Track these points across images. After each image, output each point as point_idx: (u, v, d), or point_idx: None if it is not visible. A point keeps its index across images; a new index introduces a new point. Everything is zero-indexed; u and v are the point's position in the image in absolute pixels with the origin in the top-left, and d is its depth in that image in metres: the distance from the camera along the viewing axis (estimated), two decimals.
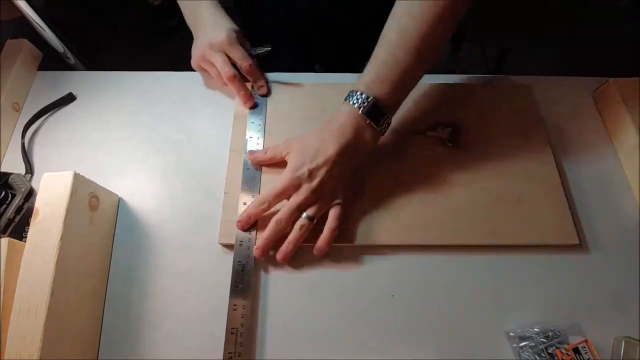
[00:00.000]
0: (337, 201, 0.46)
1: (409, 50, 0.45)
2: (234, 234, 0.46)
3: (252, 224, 0.46)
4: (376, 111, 0.45)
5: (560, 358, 0.40)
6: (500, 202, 0.48)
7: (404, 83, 0.47)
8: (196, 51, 0.56)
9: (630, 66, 0.57)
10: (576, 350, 0.40)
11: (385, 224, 0.47)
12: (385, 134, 0.49)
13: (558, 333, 0.41)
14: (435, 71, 0.59)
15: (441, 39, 0.47)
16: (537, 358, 0.40)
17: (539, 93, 0.58)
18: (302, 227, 0.45)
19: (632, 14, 1.68)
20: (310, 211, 0.45)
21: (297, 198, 0.45)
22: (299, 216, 0.45)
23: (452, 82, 0.59)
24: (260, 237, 0.45)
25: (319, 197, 0.45)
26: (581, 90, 0.58)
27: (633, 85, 0.53)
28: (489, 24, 1.15)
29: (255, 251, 0.45)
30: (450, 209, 0.48)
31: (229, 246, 0.47)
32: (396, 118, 0.54)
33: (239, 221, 0.46)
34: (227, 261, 0.46)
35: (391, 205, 0.48)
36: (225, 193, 0.49)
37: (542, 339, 0.41)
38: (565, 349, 0.40)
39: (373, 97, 0.45)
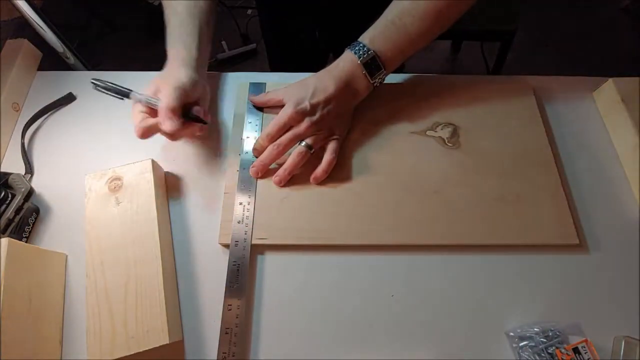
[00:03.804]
0: (335, 136, 0.50)
1: (418, 20, 0.48)
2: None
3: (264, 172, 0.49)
4: (373, 65, 0.48)
5: (560, 358, 0.40)
6: (500, 202, 0.48)
7: (405, 47, 0.50)
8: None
9: (630, 66, 0.58)
10: (576, 350, 0.40)
11: (384, 223, 0.47)
12: (386, 134, 0.49)
13: (558, 333, 0.41)
14: (436, 71, 0.58)
15: (454, 15, 0.50)
16: (537, 358, 0.40)
17: (538, 93, 0.58)
18: (299, 154, 0.48)
19: (632, 14, 1.68)
20: (309, 140, 0.48)
21: (297, 129, 0.48)
22: (297, 145, 0.49)
23: (452, 82, 0.59)
24: (258, 159, 0.49)
25: (319, 130, 0.48)
26: (581, 90, 0.58)
27: (633, 85, 0.53)
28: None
29: (251, 170, 0.49)
30: (449, 209, 0.48)
31: (228, 246, 0.47)
32: (396, 118, 0.54)
33: (253, 166, 0.49)
34: (226, 261, 0.46)
35: (391, 205, 0.48)
36: (225, 193, 0.49)
37: (542, 339, 0.41)
38: (565, 348, 0.40)
39: (374, 51, 0.48)
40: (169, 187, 0.51)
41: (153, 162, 0.49)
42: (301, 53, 0.72)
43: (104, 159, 0.53)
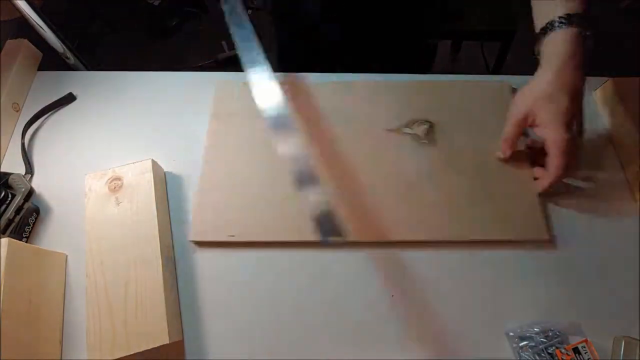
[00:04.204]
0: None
1: None
2: (206, 232, 0.47)
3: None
4: (584, 21, 0.45)
5: (560, 358, 0.40)
6: (473, 198, 0.48)
7: None
8: None
9: (630, 66, 0.57)
10: (576, 350, 0.40)
11: (357, 220, 0.47)
12: (362, 131, 0.50)
13: (558, 333, 0.41)
14: (436, 71, 0.58)
15: None
16: (537, 358, 0.40)
17: None
18: None
19: (632, 14, 1.68)
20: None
21: (561, 161, 0.44)
22: None
23: (431, 80, 0.59)
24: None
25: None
26: None
27: (633, 85, 0.53)
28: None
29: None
30: (422, 205, 0.48)
31: (199, 243, 0.47)
32: (373, 115, 0.55)
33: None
34: (224, 260, 0.46)
35: (365, 202, 0.48)
36: (198, 191, 0.49)
37: (542, 339, 0.41)
38: (565, 348, 0.40)
39: (576, 13, 0.45)
40: (170, 186, 0.51)
41: (153, 162, 0.49)
42: (317, 52, 0.69)
43: (104, 159, 0.53)
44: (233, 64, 1.58)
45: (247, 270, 0.46)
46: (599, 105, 0.57)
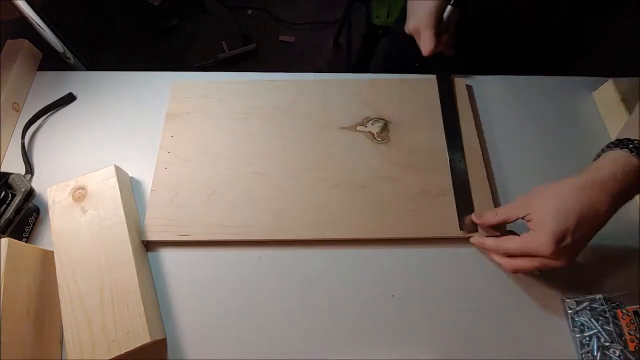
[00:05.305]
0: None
1: None
2: (159, 232, 0.47)
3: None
4: None
5: (620, 317, 0.41)
6: (425, 196, 0.49)
7: None
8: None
9: (630, 66, 0.57)
10: (636, 313, 0.41)
11: (310, 219, 0.47)
12: (317, 129, 0.51)
13: (618, 301, 0.42)
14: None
15: None
16: (593, 320, 0.41)
17: (539, 93, 0.58)
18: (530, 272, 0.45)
19: (632, 14, 1.68)
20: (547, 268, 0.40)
21: (544, 263, 0.39)
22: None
23: (387, 79, 0.59)
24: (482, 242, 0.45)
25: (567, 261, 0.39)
26: (581, 90, 0.58)
27: (633, 85, 0.53)
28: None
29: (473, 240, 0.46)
30: (375, 203, 0.48)
31: (152, 243, 0.47)
32: (327, 113, 0.55)
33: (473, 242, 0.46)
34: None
35: (318, 201, 0.48)
36: (151, 191, 0.49)
37: (601, 304, 0.42)
38: (626, 309, 0.41)
39: None
40: (136, 190, 0.51)
41: (116, 167, 0.48)
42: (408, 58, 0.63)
43: (104, 159, 0.53)
44: (233, 64, 1.58)
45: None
46: (599, 105, 0.57)
